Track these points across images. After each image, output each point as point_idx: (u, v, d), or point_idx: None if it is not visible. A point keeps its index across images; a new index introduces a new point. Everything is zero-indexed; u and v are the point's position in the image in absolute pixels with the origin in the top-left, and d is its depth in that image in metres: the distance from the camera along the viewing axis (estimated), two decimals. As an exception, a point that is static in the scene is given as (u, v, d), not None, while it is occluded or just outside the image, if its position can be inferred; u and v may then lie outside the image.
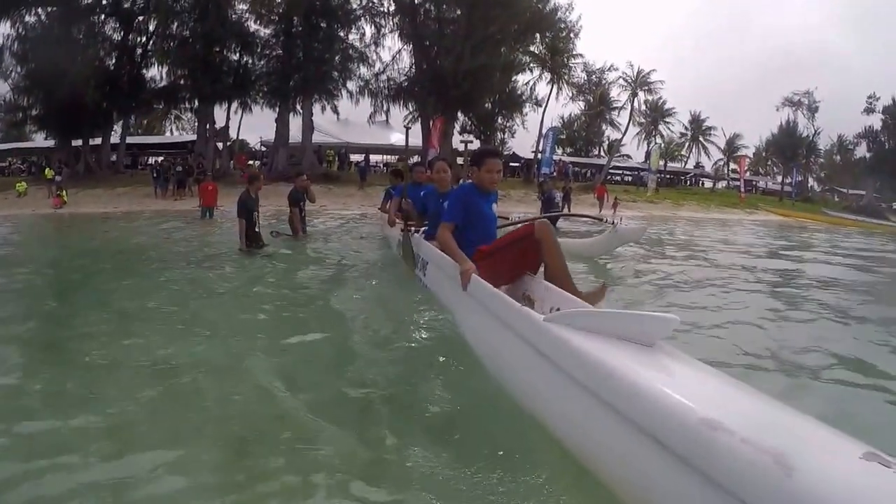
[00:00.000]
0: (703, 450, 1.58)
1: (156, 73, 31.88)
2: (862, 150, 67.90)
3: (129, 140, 36.48)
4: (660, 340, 2.36)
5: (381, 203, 10.73)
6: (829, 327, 5.59)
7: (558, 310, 3.18)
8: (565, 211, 22.79)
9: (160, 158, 34.18)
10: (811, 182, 72.00)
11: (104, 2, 28.50)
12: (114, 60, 29.64)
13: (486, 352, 3.35)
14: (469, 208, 4.38)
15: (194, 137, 36.89)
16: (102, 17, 28.98)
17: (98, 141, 31.41)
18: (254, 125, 62.27)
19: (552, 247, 3.85)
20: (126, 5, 29.00)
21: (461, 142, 36.23)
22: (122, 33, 29.76)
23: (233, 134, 36.08)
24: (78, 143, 30.39)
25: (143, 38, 30.97)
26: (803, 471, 1.38)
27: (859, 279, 10.02)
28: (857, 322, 5.90)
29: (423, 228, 6.21)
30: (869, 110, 61.91)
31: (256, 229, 9.10)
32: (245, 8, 31.39)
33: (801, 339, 4.90)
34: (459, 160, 31.78)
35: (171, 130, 55.49)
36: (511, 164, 41.37)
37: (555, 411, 2.43)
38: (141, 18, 30.19)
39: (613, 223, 9.90)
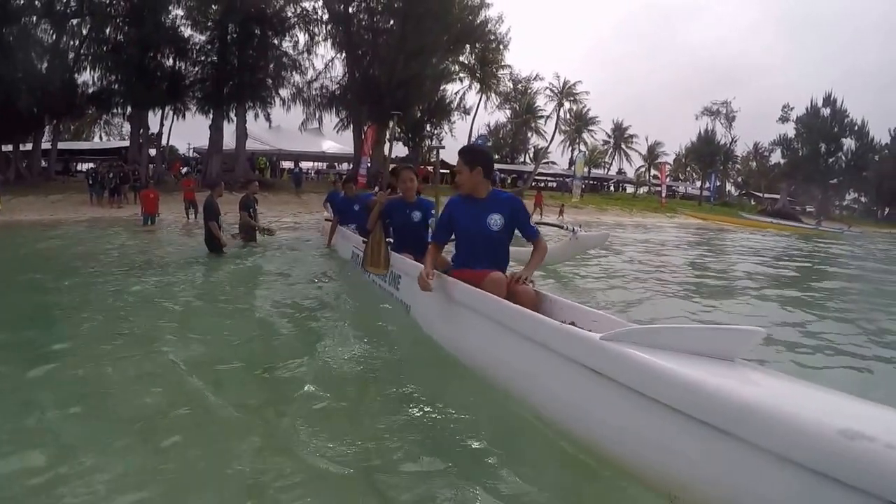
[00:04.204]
0: (846, 461, 1.58)
1: (88, 77, 31.06)
2: (777, 157, 72.47)
3: (60, 146, 35.47)
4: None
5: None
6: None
7: (572, 323, 2.98)
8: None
9: (91, 165, 33.52)
10: (728, 187, 75.76)
11: (36, 3, 27.73)
12: (46, 64, 28.83)
13: (509, 376, 3.13)
14: (456, 222, 4.09)
15: (125, 143, 36.33)
16: (34, 18, 28.12)
17: (29, 146, 30.62)
18: (183, 131, 61.60)
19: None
20: (59, 8, 28.24)
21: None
22: (54, 36, 29.01)
23: (163, 140, 35.81)
24: (7, 148, 29.59)
25: (77, 42, 30.23)
26: None
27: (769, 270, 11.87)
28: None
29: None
30: (784, 119, 66.41)
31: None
32: (181, 14, 31.17)
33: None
34: (391, 167, 32.42)
35: (101, 136, 54.43)
36: (441, 171, 42.21)
37: (632, 438, 2.26)
38: (75, 22, 29.45)
39: (574, 230, 9.80)
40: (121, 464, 2.45)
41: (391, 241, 5.86)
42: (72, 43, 30.31)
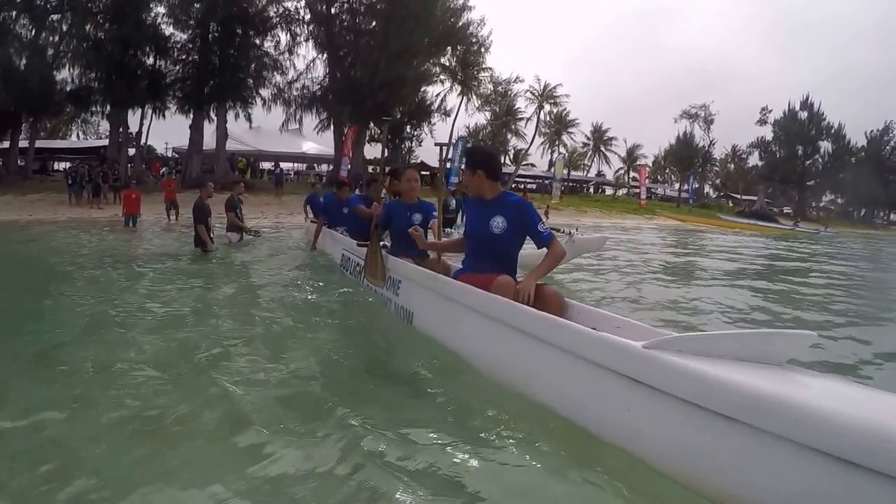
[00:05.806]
0: None
1: (66, 74, 30.55)
2: (754, 159, 73.81)
3: (37, 144, 34.97)
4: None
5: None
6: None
7: (594, 329, 2.85)
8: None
9: (68, 164, 33.17)
10: (707, 189, 76.48)
11: (16, -1, 27.14)
12: (24, 60, 28.43)
13: (533, 386, 3.00)
14: (466, 223, 4.08)
15: (103, 142, 35.91)
16: (13, 13, 27.64)
17: (6, 145, 30.15)
18: (161, 131, 61.07)
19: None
20: (39, 2, 27.82)
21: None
22: (33, 32, 28.54)
23: (142, 140, 35.44)
24: (-16, 146, 29.02)
25: (56, 38, 29.82)
26: None
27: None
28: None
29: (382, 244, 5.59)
30: (762, 122, 67.66)
31: (211, 235, 9.97)
32: (163, 11, 30.80)
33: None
34: (370, 168, 32.62)
35: (78, 135, 53.82)
36: (421, 172, 42.29)
37: (680, 448, 2.19)
38: (54, 17, 29.02)
39: (570, 233, 9.68)
40: (106, 451, 2.51)
41: (386, 244, 5.58)
42: (51, 39, 29.91)
